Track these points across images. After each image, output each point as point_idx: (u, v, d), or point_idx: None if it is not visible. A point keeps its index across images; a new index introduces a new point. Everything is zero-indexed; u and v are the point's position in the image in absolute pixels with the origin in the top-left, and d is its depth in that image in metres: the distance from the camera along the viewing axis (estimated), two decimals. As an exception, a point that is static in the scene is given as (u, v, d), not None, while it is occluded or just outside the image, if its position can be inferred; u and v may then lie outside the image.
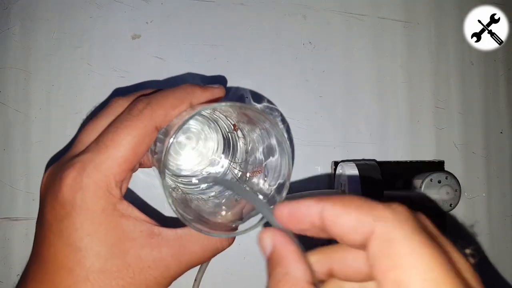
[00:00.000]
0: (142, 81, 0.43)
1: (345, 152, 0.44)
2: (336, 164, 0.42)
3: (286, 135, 0.23)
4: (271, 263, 0.18)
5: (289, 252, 0.18)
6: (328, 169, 0.43)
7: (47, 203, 0.23)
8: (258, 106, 0.42)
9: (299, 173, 0.43)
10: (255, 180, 0.28)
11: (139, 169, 0.27)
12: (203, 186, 0.30)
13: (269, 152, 0.26)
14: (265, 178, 0.26)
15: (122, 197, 0.24)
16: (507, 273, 0.44)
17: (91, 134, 0.25)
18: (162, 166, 0.23)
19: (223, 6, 0.44)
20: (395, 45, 0.45)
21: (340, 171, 0.40)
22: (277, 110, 0.43)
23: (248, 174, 0.29)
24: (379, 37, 0.45)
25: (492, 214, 0.44)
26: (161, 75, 0.44)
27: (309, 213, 0.17)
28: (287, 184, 0.24)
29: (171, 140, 0.22)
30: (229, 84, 0.44)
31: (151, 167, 0.28)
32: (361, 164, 0.39)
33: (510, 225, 0.44)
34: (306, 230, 0.18)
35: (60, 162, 0.25)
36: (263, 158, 0.27)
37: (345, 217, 0.16)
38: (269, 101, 0.43)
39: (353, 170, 0.38)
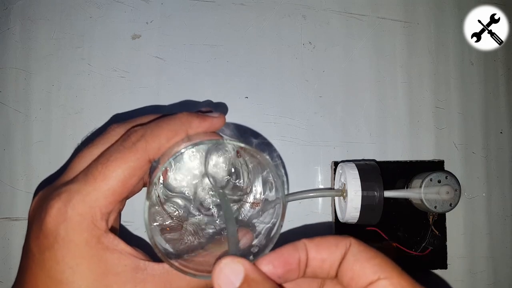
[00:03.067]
0: (142, 81, 0.43)
1: (345, 152, 0.44)
2: (336, 164, 0.42)
3: (284, 180, 0.23)
4: None
5: (265, 278, 0.19)
6: (328, 169, 0.43)
7: (32, 232, 0.23)
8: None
9: (298, 174, 0.43)
10: (252, 211, 0.27)
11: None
12: (204, 213, 0.29)
13: (267, 185, 0.25)
14: (261, 213, 0.25)
15: (108, 229, 0.23)
16: (507, 273, 0.44)
17: (84, 162, 0.25)
18: (146, 197, 0.22)
19: (223, 6, 0.44)
20: (395, 45, 0.45)
21: (340, 171, 0.40)
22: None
23: (246, 203, 0.28)
24: (379, 37, 0.45)
25: (492, 214, 0.44)
26: (161, 75, 0.44)
27: (295, 250, 0.20)
28: (280, 226, 0.23)
29: (156, 177, 0.22)
30: (229, 85, 0.44)
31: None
32: (360, 164, 0.39)
33: (510, 225, 0.44)
34: (293, 272, 0.20)
35: (50, 188, 0.24)
36: (262, 191, 0.26)
37: (328, 240, 0.20)
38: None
39: (353, 170, 0.38)
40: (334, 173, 0.42)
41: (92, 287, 0.22)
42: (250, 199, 0.28)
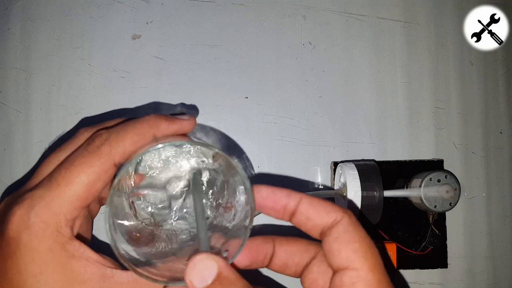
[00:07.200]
0: (142, 81, 0.43)
1: (345, 152, 0.44)
2: (335, 164, 0.42)
3: (249, 184, 0.22)
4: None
5: (238, 277, 0.19)
6: (327, 169, 0.43)
7: None
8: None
9: (298, 174, 0.43)
10: (225, 215, 0.26)
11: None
12: (176, 216, 0.28)
13: (239, 188, 0.24)
14: (234, 216, 0.25)
15: (74, 236, 0.22)
16: (507, 273, 0.44)
17: (50, 167, 0.24)
18: (106, 203, 0.21)
19: (223, 6, 0.44)
20: (394, 45, 0.45)
21: (340, 171, 0.40)
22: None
23: (220, 207, 0.27)
24: (379, 37, 0.45)
25: (491, 214, 0.44)
26: (161, 75, 0.44)
27: (289, 197, 0.22)
28: (249, 230, 0.22)
29: (115, 181, 0.21)
30: (229, 85, 0.44)
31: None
32: (360, 164, 0.39)
33: (510, 225, 0.44)
34: (276, 211, 0.22)
35: (15, 195, 0.24)
36: (237, 192, 0.25)
37: (323, 205, 0.22)
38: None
39: (352, 171, 0.38)
40: (334, 174, 0.42)
41: None
42: (224, 202, 0.27)
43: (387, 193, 0.38)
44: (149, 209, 0.28)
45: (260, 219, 0.38)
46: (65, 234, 0.22)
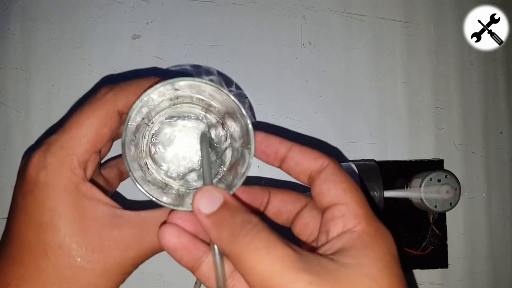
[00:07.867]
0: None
1: (345, 152, 0.44)
2: (336, 164, 0.42)
3: (252, 134, 0.24)
4: (224, 214, 0.20)
5: (242, 205, 0.21)
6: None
7: (16, 183, 0.25)
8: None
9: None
10: (229, 175, 0.27)
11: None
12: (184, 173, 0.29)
13: (244, 145, 0.26)
14: (236, 173, 0.26)
15: (86, 178, 0.24)
16: (507, 273, 0.44)
17: None
18: (123, 135, 0.23)
19: (223, 6, 0.44)
20: (394, 45, 0.45)
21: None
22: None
23: (224, 169, 0.28)
24: (379, 37, 0.45)
25: (492, 214, 0.44)
26: (161, 75, 0.44)
27: (281, 144, 0.24)
28: (245, 175, 0.24)
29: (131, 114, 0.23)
30: (229, 85, 0.44)
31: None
32: (360, 164, 0.39)
33: (510, 225, 0.44)
34: (267, 155, 0.24)
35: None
36: (240, 153, 0.26)
37: (311, 152, 0.24)
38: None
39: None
40: (334, 173, 0.42)
41: (70, 230, 0.23)
42: (229, 163, 0.28)
43: (387, 193, 0.38)
44: (161, 168, 0.29)
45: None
46: (78, 174, 0.24)
